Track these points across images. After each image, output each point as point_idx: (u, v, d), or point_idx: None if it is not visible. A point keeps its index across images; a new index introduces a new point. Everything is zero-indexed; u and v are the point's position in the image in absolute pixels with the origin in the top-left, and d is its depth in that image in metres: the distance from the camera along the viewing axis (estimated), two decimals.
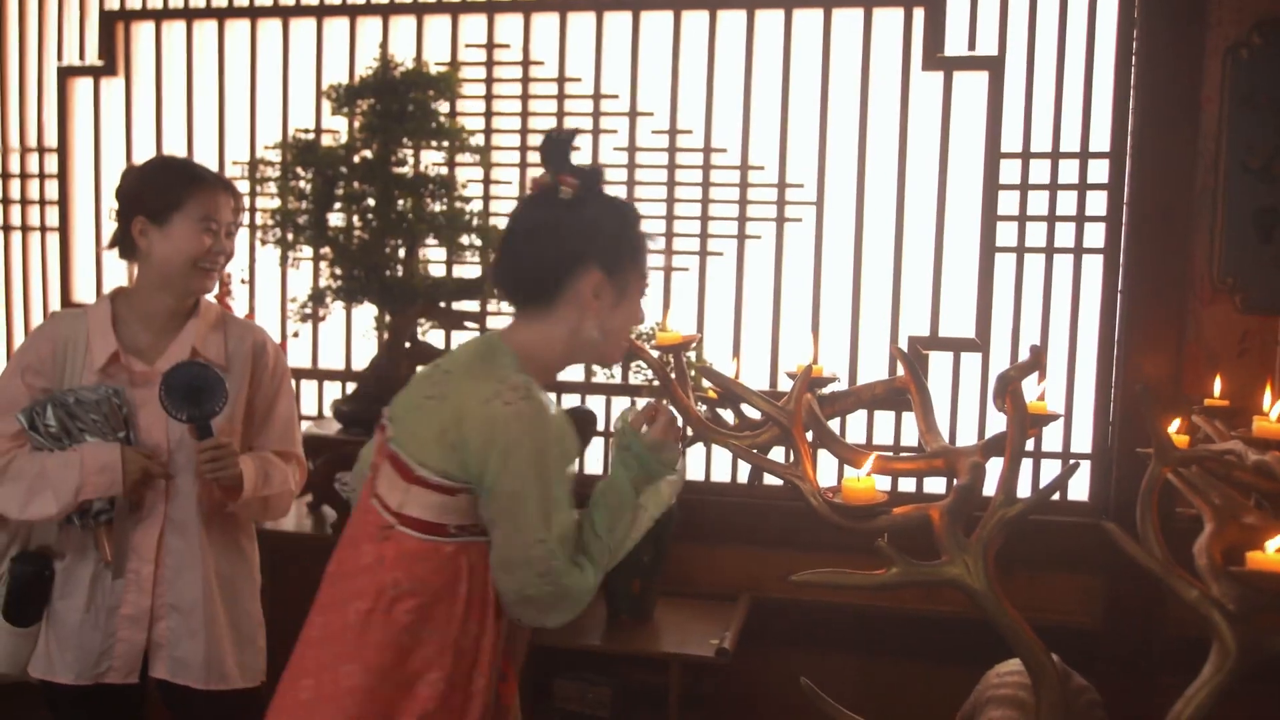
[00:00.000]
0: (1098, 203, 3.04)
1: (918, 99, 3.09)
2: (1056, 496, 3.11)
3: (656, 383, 2.17)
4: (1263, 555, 1.75)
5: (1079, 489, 3.13)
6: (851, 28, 3.11)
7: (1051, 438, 3.12)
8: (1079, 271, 3.06)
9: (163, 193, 2.12)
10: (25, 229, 3.74)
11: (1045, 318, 3.09)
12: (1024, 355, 3.11)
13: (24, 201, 3.73)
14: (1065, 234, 3.07)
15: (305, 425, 2.95)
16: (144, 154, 3.57)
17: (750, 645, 2.97)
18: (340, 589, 1.63)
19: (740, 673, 2.97)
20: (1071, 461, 1.86)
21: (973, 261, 3.10)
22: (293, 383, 2.62)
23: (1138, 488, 1.82)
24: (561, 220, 1.66)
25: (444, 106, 3.23)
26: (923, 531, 1.78)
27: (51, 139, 3.67)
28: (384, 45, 3.16)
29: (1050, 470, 3.13)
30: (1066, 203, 3.06)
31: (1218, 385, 2.68)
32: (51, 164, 3.68)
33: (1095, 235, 3.05)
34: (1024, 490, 3.04)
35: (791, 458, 1.86)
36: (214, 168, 3.43)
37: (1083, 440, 3.11)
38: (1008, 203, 3.07)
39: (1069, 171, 3.05)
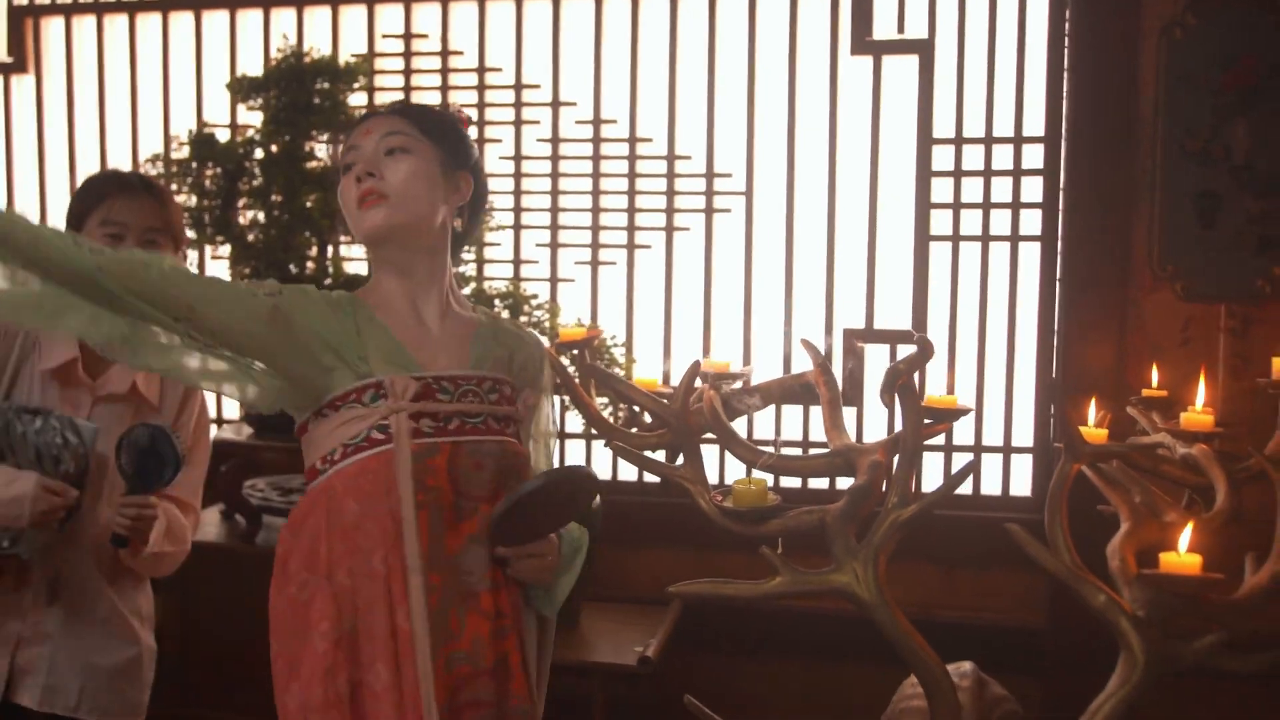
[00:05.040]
0: (1034, 189, 2.96)
1: (847, 84, 3.00)
2: (999, 492, 3.05)
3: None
4: (1175, 557, 1.66)
5: (1021, 484, 3.04)
6: (778, 12, 3.02)
7: (992, 432, 3.03)
8: (1016, 259, 2.98)
9: (76, 205, 1.99)
10: None
11: (983, 307, 3.00)
12: (962, 347, 3.07)
13: None
14: (1001, 221, 2.98)
15: (213, 430, 2.84)
16: (55, 153, 3.46)
17: (684, 650, 2.88)
18: None
19: (673, 678, 2.86)
20: (971, 459, 1.75)
21: (908, 251, 3.01)
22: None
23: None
24: None
25: (362, 99, 3.14)
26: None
27: None
28: (293, 36, 3.05)
29: (992, 466, 3.04)
30: (1002, 189, 2.97)
31: (1155, 375, 2.59)
32: None
33: (1032, 222, 2.96)
34: (965, 489, 3.01)
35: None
36: (126, 165, 3.36)
37: (1025, 434, 3.02)
38: (941, 190, 2.98)
39: (1003, 157, 2.96)
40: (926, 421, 1.83)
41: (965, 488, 3.05)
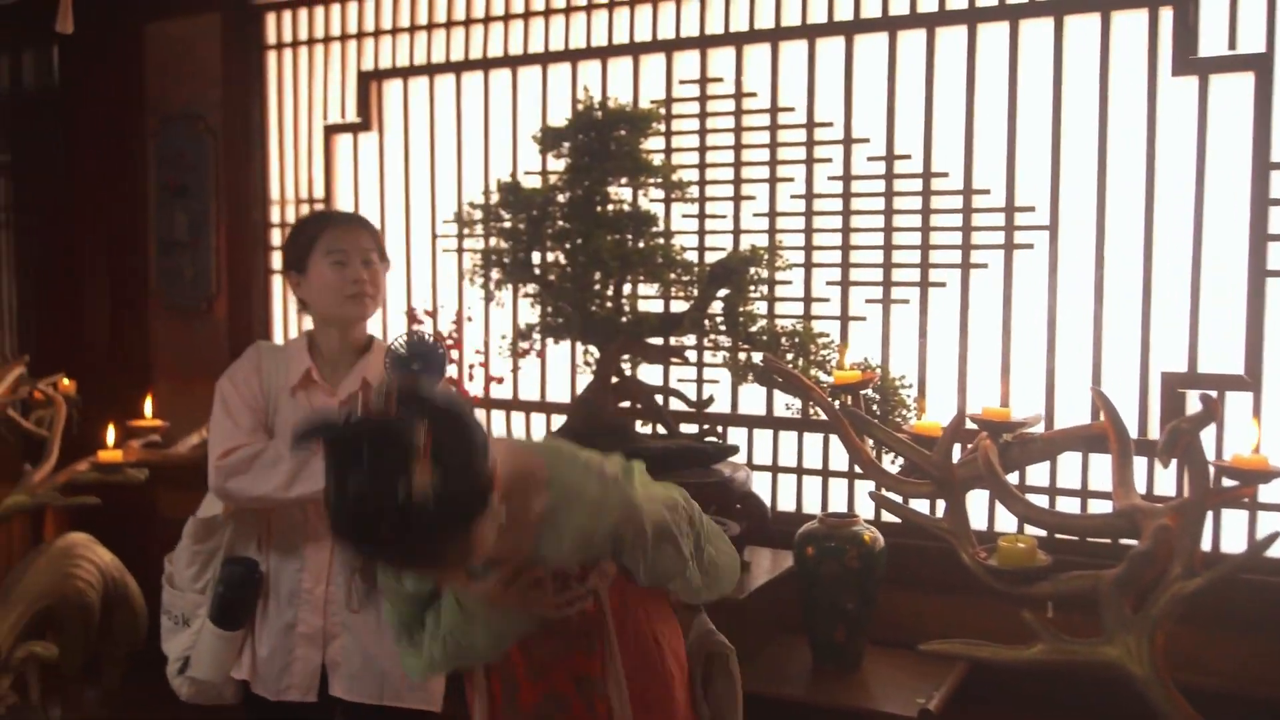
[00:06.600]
0: None
1: (1167, 107, 2.75)
2: None
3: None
4: None
5: None
6: (1087, 34, 2.82)
7: None
8: None
9: (297, 244, 2.33)
10: None
11: None
12: None
13: None
14: None
15: None
16: (394, 202, 3.82)
17: (969, 705, 2.72)
18: None
19: None
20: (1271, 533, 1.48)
21: (1239, 288, 2.71)
22: None
23: None
24: None
25: (659, 143, 3.24)
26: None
27: (319, 190, 4.00)
28: (598, 85, 3.18)
29: None
30: None
31: None
32: None
33: None
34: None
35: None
36: (450, 211, 3.65)
37: None
38: None
39: None
40: (1231, 483, 1.65)
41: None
